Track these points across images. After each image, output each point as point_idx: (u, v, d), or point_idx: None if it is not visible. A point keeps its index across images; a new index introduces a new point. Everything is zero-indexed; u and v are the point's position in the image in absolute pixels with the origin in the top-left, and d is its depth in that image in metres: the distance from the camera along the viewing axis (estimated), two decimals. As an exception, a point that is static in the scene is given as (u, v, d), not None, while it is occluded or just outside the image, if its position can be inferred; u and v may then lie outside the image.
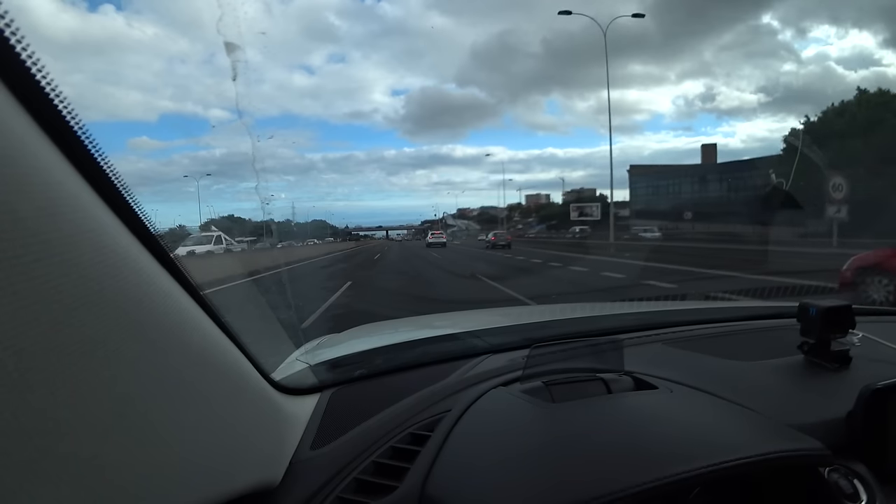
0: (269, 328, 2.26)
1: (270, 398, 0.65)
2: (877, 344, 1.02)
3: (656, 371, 0.87)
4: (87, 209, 0.35)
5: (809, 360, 0.95)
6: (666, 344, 1.11)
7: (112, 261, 0.37)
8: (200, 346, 0.48)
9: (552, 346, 0.86)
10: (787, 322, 1.11)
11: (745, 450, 0.59)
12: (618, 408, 0.73)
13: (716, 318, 1.37)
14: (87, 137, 0.36)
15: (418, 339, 1.26)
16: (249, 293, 7.48)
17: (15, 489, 0.28)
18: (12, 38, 0.30)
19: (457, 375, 0.90)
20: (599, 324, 1.42)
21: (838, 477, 0.67)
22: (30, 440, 0.28)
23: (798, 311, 0.95)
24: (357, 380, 0.93)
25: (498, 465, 0.60)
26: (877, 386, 0.73)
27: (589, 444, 0.62)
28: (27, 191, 0.30)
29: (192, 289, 0.48)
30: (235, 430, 0.53)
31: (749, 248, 15.88)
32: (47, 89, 0.32)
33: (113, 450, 0.35)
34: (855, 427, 0.74)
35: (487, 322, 1.50)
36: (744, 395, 0.80)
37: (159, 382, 0.40)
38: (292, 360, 1.11)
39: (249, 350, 0.60)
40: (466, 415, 0.73)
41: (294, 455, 0.68)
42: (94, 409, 0.33)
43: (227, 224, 32.06)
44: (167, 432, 0.41)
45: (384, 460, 0.68)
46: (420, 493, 0.59)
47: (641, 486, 0.52)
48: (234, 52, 0.94)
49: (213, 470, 0.48)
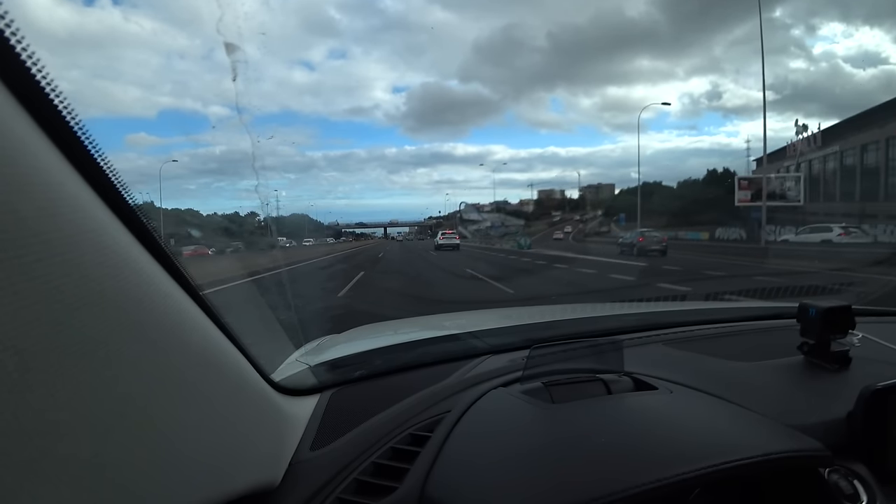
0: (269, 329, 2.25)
1: (270, 399, 0.65)
2: (877, 344, 1.02)
3: (656, 372, 0.87)
4: (87, 209, 0.36)
5: (809, 361, 0.95)
6: (666, 344, 1.11)
7: (112, 261, 0.37)
8: (200, 347, 0.48)
9: (552, 347, 0.86)
10: (786, 323, 1.11)
11: (746, 450, 0.59)
12: (618, 408, 0.73)
13: (716, 319, 1.37)
14: (86, 137, 0.36)
15: (418, 340, 1.26)
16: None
17: (16, 489, 0.28)
18: (12, 39, 0.30)
19: (457, 376, 0.90)
20: (599, 324, 1.42)
21: (838, 477, 0.67)
22: (30, 440, 0.28)
23: (798, 311, 0.95)
24: (357, 380, 0.93)
25: (498, 465, 0.60)
26: (877, 386, 0.73)
27: (589, 445, 0.62)
28: (28, 191, 0.30)
29: (192, 289, 0.48)
30: (235, 431, 0.53)
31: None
32: (47, 90, 0.32)
33: (113, 450, 0.35)
34: (855, 428, 0.74)
35: (487, 323, 1.50)
36: (744, 395, 0.80)
37: (159, 383, 0.40)
38: (292, 361, 1.11)
39: (249, 351, 0.60)
40: (466, 415, 0.73)
41: (294, 456, 0.68)
42: (94, 409, 0.33)
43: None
44: (167, 433, 0.41)
45: (384, 461, 0.67)
46: (420, 494, 0.59)
47: (641, 486, 0.52)
48: (234, 53, 0.94)
49: (213, 470, 0.48)
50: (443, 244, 26.92)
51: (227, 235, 27.30)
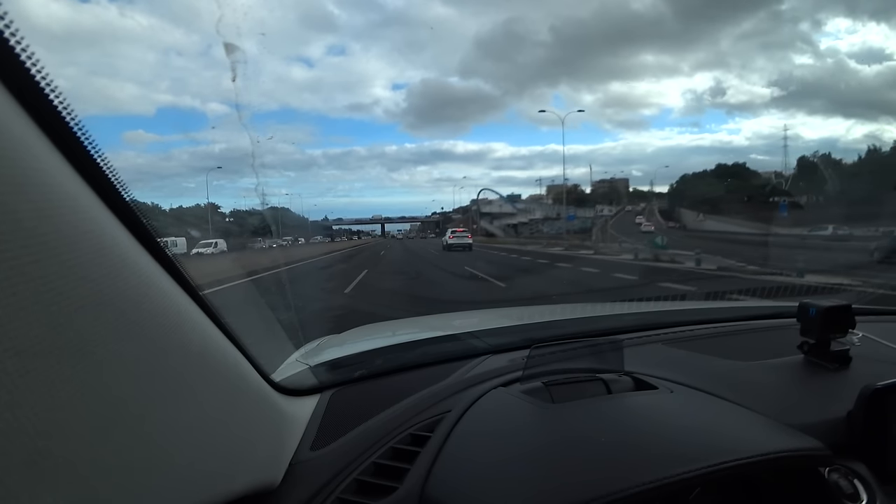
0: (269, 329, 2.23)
1: (270, 399, 0.65)
2: (877, 344, 1.02)
3: (656, 371, 0.87)
4: (86, 210, 0.35)
5: (809, 360, 0.95)
6: (666, 344, 1.11)
7: (112, 262, 0.37)
8: (200, 347, 0.48)
9: (552, 347, 0.86)
10: (786, 322, 1.11)
11: (746, 450, 0.59)
12: (618, 408, 0.73)
13: (716, 318, 1.37)
14: (85, 136, 0.36)
15: (418, 340, 1.26)
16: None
17: (15, 489, 0.27)
18: (12, 39, 0.30)
19: (457, 376, 0.90)
20: (599, 324, 1.42)
21: (838, 477, 0.67)
22: (30, 441, 0.28)
23: (798, 311, 0.95)
24: (357, 381, 0.93)
25: (498, 465, 0.60)
26: (877, 386, 0.73)
27: (589, 445, 0.62)
28: (27, 192, 0.30)
29: (192, 289, 0.48)
30: (235, 431, 0.53)
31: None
32: (46, 90, 0.32)
33: (113, 450, 0.35)
34: (855, 427, 0.74)
35: (487, 322, 1.50)
36: (744, 395, 0.80)
37: (159, 383, 0.40)
38: (292, 361, 1.11)
39: (249, 351, 0.60)
40: (466, 415, 0.73)
41: (294, 456, 0.68)
42: (93, 409, 0.33)
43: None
44: (167, 433, 0.41)
45: (384, 461, 0.67)
46: (420, 494, 0.59)
47: (641, 486, 0.52)
48: (233, 53, 0.94)
49: (213, 470, 0.48)
50: (453, 244, 23.61)
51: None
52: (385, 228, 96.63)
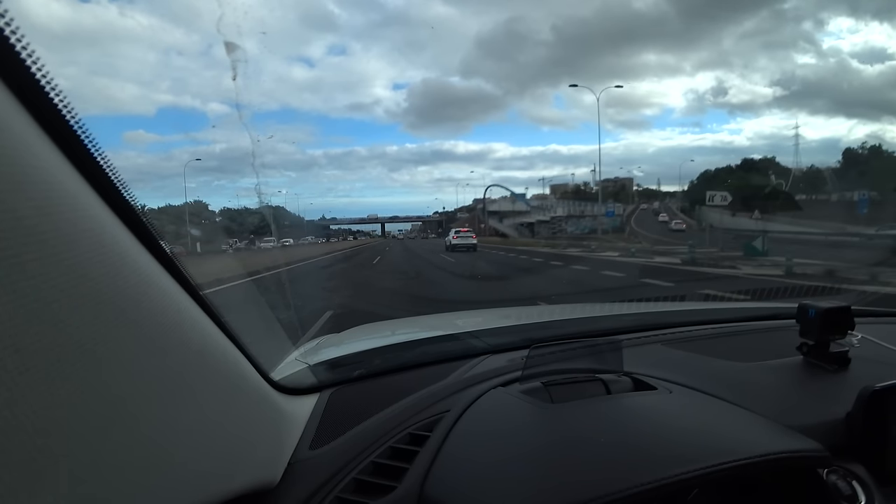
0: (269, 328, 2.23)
1: (269, 398, 0.65)
2: (876, 345, 1.02)
3: (655, 372, 0.87)
4: (86, 208, 0.35)
5: (808, 362, 0.95)
6: (665, 345, 1.11)
7: (112, 260, 0.37)
8: (199, 346, 0.48)
9: (551, 347, 0.86)
10: (786, 323, 1.11)
11: (744, 451, 0.59)
12: (617, 408, 0.73)
13: (715, 319, 1.37)
14: (86, 136, 0.36)
15: (417, 340, 1.26)
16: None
17: (15, 488, 0.28)
18: (12, 38, 0.30)
19: (456, 376, 0.90)
20: (599, 324, 1.42)
21: (837, 478, 0.67)
22: (29, 439, 0.28)
23: (797, 312, 0.95)
24: (356, 380, 0.93)
25: (497, 465, 0.60)
26: (876, 387, 0.73)
27: (588, 445, 0.62)
28: (27, 190, 0.30)
29: (192, 288, 0.48)
30: (234, 430, 0.53)
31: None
32: (47, 88, 0.32)
33: (112, 448, 0.35)
34: (854, 428, 0.74)
35: (487, 322, 1.50)
36: (742, 396, 0.80)
37: (158, 382, 0.40)
38: (291, 360, 1.11)
39: (249, 350, 0.60)
40: (465, 415, 0.73)
41: (293, 455, 0.68)
42: (93, 408, 0.33)
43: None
44: (166, 431, 0.41)
45: (383, 460, 0.67)
46: (419, 494, 0.59)
47: (640, 486, 0.52)
48: (233, 52, 0.94)
49: (212, 469, 0.48)
50: (457, 244, 22.95)
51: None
52: (385, 228, 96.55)
